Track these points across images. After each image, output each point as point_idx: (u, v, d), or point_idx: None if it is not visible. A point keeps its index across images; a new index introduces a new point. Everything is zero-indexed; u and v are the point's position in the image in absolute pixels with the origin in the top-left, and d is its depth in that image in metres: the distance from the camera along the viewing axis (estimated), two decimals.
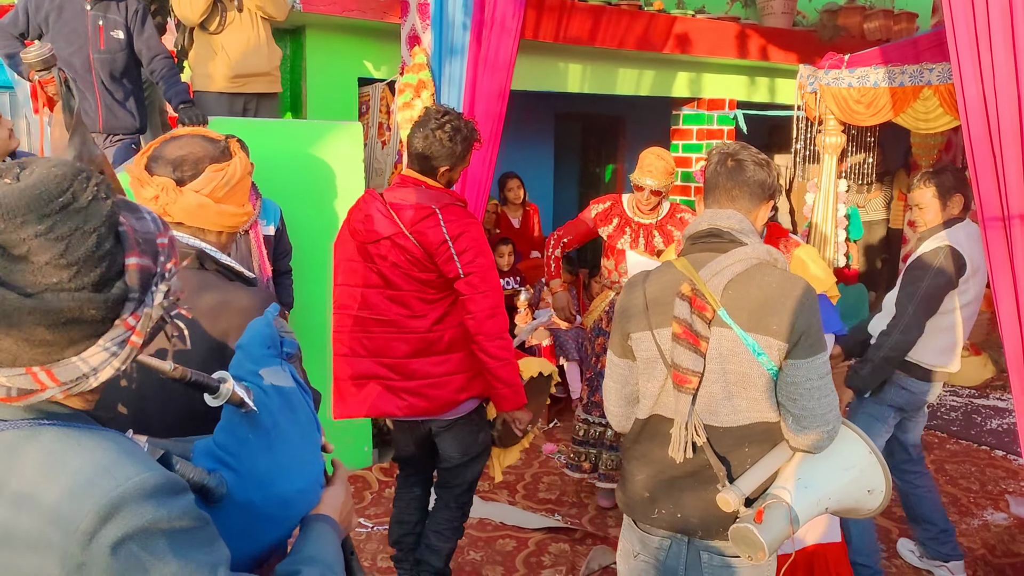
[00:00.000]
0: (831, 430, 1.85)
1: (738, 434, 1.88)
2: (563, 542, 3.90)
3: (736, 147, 2.02)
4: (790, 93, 6.86)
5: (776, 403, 1.87)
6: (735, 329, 1.82)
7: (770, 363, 1.82)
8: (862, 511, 1.98)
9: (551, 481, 4.67)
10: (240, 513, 1.18)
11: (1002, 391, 6.19)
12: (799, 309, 1.80)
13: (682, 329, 1.84)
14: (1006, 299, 2.46)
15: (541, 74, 6.08)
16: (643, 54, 6.35)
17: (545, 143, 9.04)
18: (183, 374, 1.18)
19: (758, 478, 1.87)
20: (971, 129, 2.46)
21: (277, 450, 1.23)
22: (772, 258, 1.90)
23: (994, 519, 4.15)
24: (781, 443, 1.92)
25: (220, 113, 4.46)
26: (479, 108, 4.43)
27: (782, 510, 1.81)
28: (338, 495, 1.36)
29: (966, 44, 2.44)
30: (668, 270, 1.97)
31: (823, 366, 1.83)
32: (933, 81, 5.03)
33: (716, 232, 1.94)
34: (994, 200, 2.42)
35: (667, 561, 1.98)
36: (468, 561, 3.73)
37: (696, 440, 1.87)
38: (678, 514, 1.93)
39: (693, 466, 1.91)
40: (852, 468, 1.91)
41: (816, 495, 1.87)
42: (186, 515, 0.96)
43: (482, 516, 4.15)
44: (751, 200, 1.98)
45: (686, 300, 1.85)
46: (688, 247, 2.00)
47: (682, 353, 1.84)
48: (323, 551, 1.22)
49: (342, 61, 5.41)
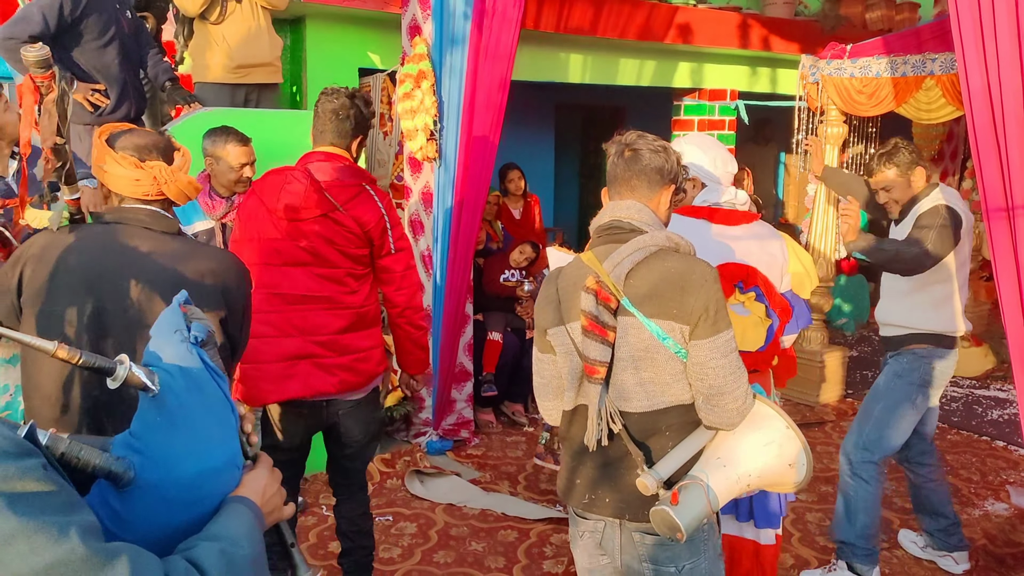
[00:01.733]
0: (741, 407, 1.90)
1: (654, 418, 1.93)
2: (564, 533, 3.91)
3: (632, 136, 2.06)
4: (791, 83, 6.84)
5: (688, 383, 1.92)
6: (638, 316, 1.88)
7: (676, 346, 1.88)
8: (787, 485, 2.02)
9: (552, 472, 4.67)
10: (150, 495, 1.19)
11: (1003, 382, 6.19)
12: (696, 290, 1.86)
13: (589, 322, 1.90)
14: (1009, 288, 2.45)
15: (542, 65, 6.06)
16: (644, 44, 6.33)
17: (545, 134, 9.02)
18: (70, 355, 1.20)
19: (677, 461, 1.92)
20: (975, 118, 2.45)
21: (182, 430, 1.24)
22: (673, 244, 1.96)
23: (995, 509, 4.16)
24: (702, 425, 1.97)
25: (221, 104, 4.44)
26: (480, 98, 4.41)
27: (698, 490, 1.86)
28: (259, 477, 1.35)
29: (971, 33, 2.43)
30: (576, 265, 2.04)
31: (727, 344, 1.88)
32: (936, 71, 5.01)
33: (617, 223, 2.01)
34: (998, 189, 2.42)
35: (603, 543, 2.07)
36: (470, 552, 3.74)
37: (612, 428, 1.93)
38: (606, 499, 2.00)
39: (616, 452, 1.96)
40: (771, 443, 1.96)
41: (735, 472, 1.92)
42: (27, 476, 0.97)
43: (483, 507, 4.16)
44: (650, 187, 2.02)
45: (591, 293, 1.90)
46: (594, 240, 2.06)
47: (591, 345, 1.90)
48: (229, 528, 1.21)
49: (343, 51, 5.40)
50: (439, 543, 3.82)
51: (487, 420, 5.37)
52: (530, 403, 5.62)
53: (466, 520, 4.05)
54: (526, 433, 5.28)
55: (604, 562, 2.10)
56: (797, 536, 3.89)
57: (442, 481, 4.45)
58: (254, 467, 1.39)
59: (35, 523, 0.95)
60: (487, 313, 5.52)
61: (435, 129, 4.54)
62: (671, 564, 1.97)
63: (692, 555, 1.98)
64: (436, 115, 4.52)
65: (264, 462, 1.42)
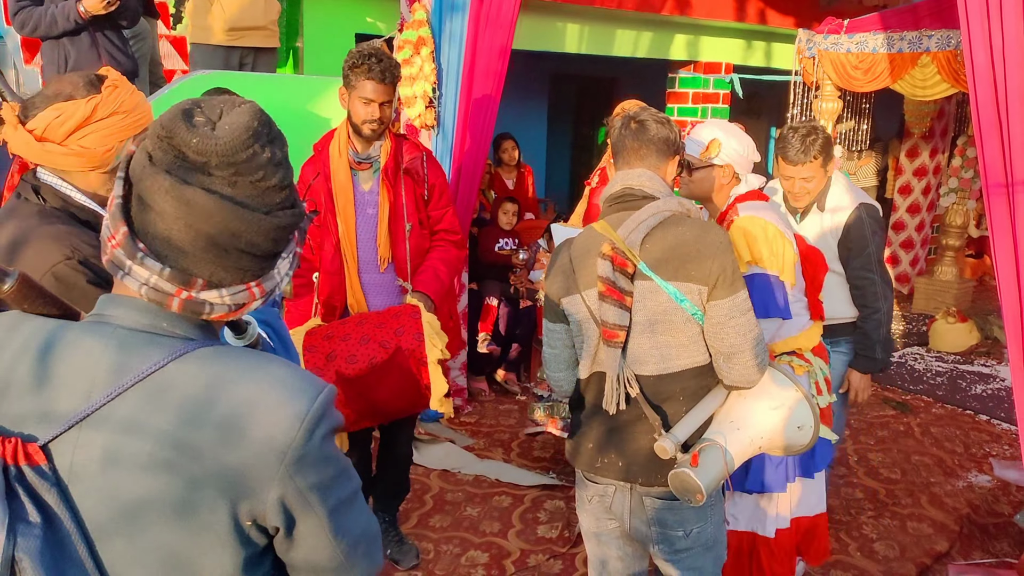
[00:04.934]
0: (761, 363, 1.95)
1: (670, 381, 1.97)
2: (558, 499, 3.97)
3: (637, 109, 2.09)
4: (786, 58, 6.85)
5: (704, 346, 1.96)
6: (656, 280, 1.92)
7: (693, 308, 1.92)
8: (795, 447, 2.08)
9: (545, 440, 4.72)
10: None
11: (986, 357, 6.29)
12: (713, 252, 1.90)
13: (606, 287, 1.93)
14: (1006, 264, 2.49)
15: (539, 34, 6.03)
16: (641, 15, 6.30)
17: (539, 104, 9.00)
18: None
19: (693, 424, 1.96)
20: (978, 95, 2.48)
21: None
22: (685, 209, 2.01)
23: (978, 481, 4.25)
24: (715, 388, 2.02)
25: (216, 66, 4.41)
26: (479, 65, 4.39)
27: (717, 452, 1.91)
28: None
29: (976, 9, 2.45)
30: (589, 233, 2.06)
31: (744, 302, 1.92)
32: (932, 48, 5.03)
33: (629, 191, 2.03)
34: (998, 166, 2.45)
35: (612, 507, 2.10)
36: (466, 516, 3.79)
37: (630, 391, 1.96)
38: (620, 463, 2.03)
39: (631, 416, 1.99)
40: (782, 407, 2.02)
41: (748, 435, 1.98)
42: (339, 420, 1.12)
43: (477, 473, 4.20)
44: (658, 157, 2.05)
45: (607, 259, 1.93)
46: (606, 209, 2.08)
47: (608, 310, 1.93)
48: None
49: (340, 16, 5.35)
50: (434, 507, 3.86)
51: (480, 388, 5.41)
52: (522, 372, 5.66)
53: (460, 486, 4.10)
54: (518, 402, 5.32)
55: (612, 526, 2.14)
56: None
57: (436, 447, 4.49)
58: None
59: (343, 460, 1.09)
60: (482, 282, 5.54)
61: (434, 96, 4.52)
62: (679, 528, 2.02)
63: (699, 519, 2.03)
64: (435, 82, 4.50)
65: None
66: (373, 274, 3.10)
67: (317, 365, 2.73)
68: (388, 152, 3.04)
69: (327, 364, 2.74)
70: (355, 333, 2.81)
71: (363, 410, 2.82)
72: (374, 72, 2.84)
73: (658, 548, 2.07)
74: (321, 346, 2.78)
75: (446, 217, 3.21)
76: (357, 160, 3.04)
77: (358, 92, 2.89)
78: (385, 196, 3.04)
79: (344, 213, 3.03)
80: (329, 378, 2.69)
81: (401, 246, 3.07)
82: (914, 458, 4.50)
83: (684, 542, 2.04)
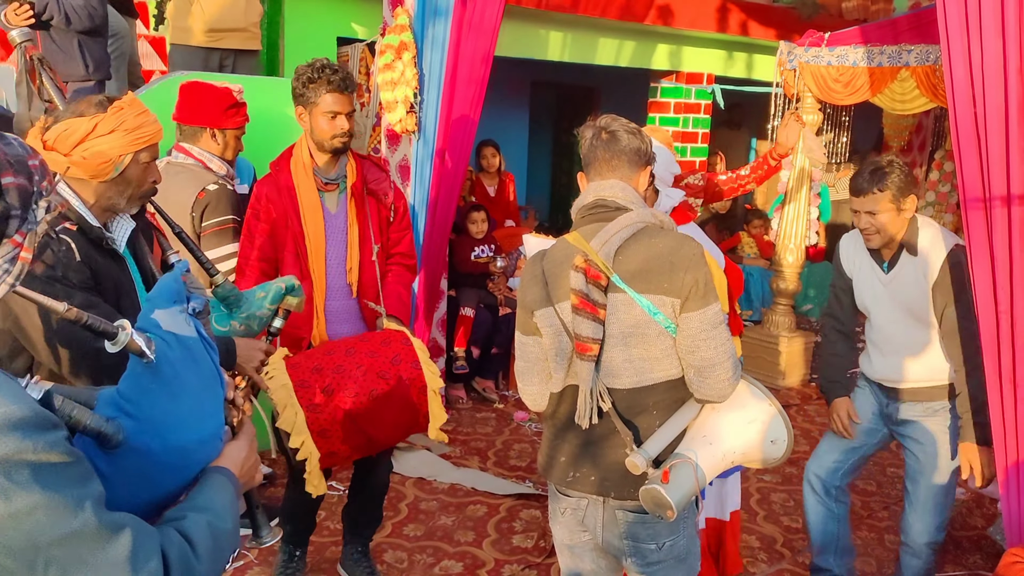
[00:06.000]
0: (732, 377, 1.93)
1: (644, 394, 1.96)
2: (534, 508, 3.94)
3: (607, 120, 2.07)
4: (768, 70, 6.89)
5: (677, 359, 1.95)
6: (629, 292, 1.90)
7: (666, 320, 1.90)
8: (769, 461, 2.07)
9: (522, 448, 4.71)
10: (138, 460, 1.21)
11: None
12: (686, 265, 1.89)
13: (580, 300, 1.91)
14: (983, 278, 2.50)
15: (521, 41, 6.03)
16: (624, 24, 6.32)
17: (520, 111, 9.00)
18: (78, 316, 1.23)
19: (665, 439, 1.95)
20: (957, 110, 2.49)
21: (177, 400, 1.27)
22: (658, 221, 1.99)
23: None
24: (687, 403, 2.00)
25: (196, 68, 4.37)
26: (462, 71, 4.37)
27: (688, 468, 1.89)
28: (240, 448, 1.39)
29: (956, 25, 2.45)
30: (562, 245, 2.04)
31: (716, 315, 1.91)
32: (911, 62, 5.07)
33: (602, 203, 2.01)
34: (976, 182, 2.45)
35: (585, 520, 2.09)
36: (440, 526, 3.75)
37: (602, 405, 1.94)
38: (592, 477, 2.01)
39: (605, 430, 1.98)
40: (755, 421, 2.01)
41: (721, 450, 1.97)
42: (53, 449, 0.99)
43: (453, 482, 4.17)
44: (630, 167, 2.04)
45: (580, 271, 1.91)
46: (578, 221, 2.06)
47: (582, 323, 1.91)
48: (215, 501, 1.25)
49: (322, 19, 5.32)
50: (408, 516, 3.83)
51: (457, 396, 5.38)
52: (500, 380, 5.64)
53: (435, 495, 4.06)
54: (496, 409, 5.30)
55: (585, 539, 2.12)
56: (762, 515, 3.96)
57: (412, 455, 4.45)
58: (235, 438, 1.42)
59: (56, 495, 0.97)
60: (459, 289, 5.51)
61: (415, 102, 4.49)
62: (652, 541, 2.00)
63: (672, 533, 2.01)
64: (417, 87, 4.47)
65: (246, 432, 1.45)
66: (340, 300, 2.96)
67: (314, 401, 2.57)
68: (355, 171, 2.94)
69: (327, 401, 2.58)
70: (347, 364, 2.65)
71: (360, 445, 2.70)
72: (334, 83, 2.74)
73: (631, 561, 2.05)
74: (312, 380, 2.61)
75: (404, 240, 3.11)
76: (325, 181, 2.91)
77: (320, 108, 2.78)
78: (354, 217, 2.92)
79: (315, 239, 2.88)
80: (330, 415, 2.58)
81: (369, 269, 2.95)
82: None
83: (657, 555, 2.02)
